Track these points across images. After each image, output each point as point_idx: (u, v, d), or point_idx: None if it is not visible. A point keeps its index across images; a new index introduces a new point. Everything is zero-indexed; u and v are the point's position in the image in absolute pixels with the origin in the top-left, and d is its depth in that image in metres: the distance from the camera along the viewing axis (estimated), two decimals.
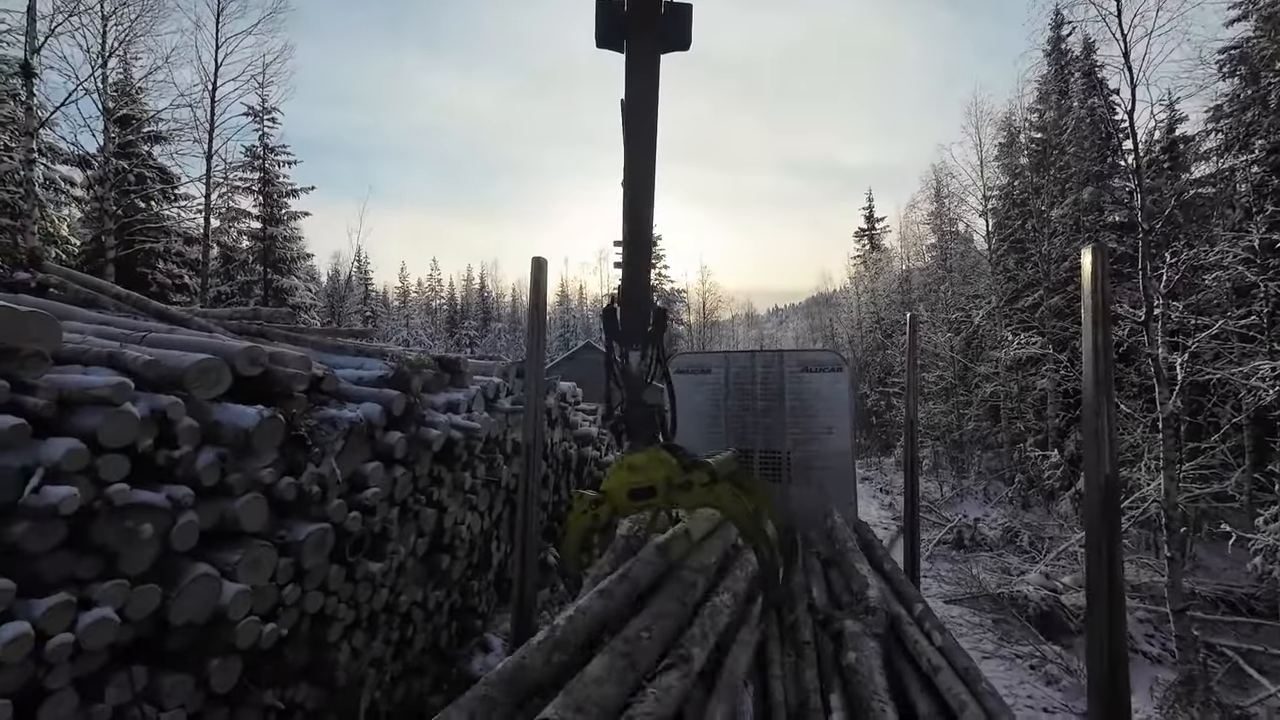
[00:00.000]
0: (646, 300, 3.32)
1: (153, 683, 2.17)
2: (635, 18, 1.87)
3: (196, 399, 2.44)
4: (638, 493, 2.92)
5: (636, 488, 2.92)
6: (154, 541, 2.13)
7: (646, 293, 3.27)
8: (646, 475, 2.92)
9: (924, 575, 9.49)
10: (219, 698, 2.40)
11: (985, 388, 18.01)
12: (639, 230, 2.72)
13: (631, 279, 3.09)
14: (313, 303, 20.00)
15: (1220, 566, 11.70)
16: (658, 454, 2.96)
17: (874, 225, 37.61)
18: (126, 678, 2.07)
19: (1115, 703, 1.77)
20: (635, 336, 3.47)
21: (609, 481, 3.04)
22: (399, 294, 54.74)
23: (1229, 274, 11.32)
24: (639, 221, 2.66)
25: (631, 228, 2.69)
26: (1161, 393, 7.23)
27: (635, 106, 2.10)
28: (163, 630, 2.22)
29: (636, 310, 3.31)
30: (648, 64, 1.98)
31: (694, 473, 2.78)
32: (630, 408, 3.42)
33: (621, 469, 3.00)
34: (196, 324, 3.94)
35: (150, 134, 14.96)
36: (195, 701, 2.30)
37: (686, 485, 2.80)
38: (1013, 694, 5.62)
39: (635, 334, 3.45)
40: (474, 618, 4.67)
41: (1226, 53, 14.19)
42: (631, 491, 2.93)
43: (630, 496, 2.93)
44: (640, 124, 2.19)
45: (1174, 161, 16.29)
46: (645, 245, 2.91)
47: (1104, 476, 1.79)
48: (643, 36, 1.92)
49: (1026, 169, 19.27)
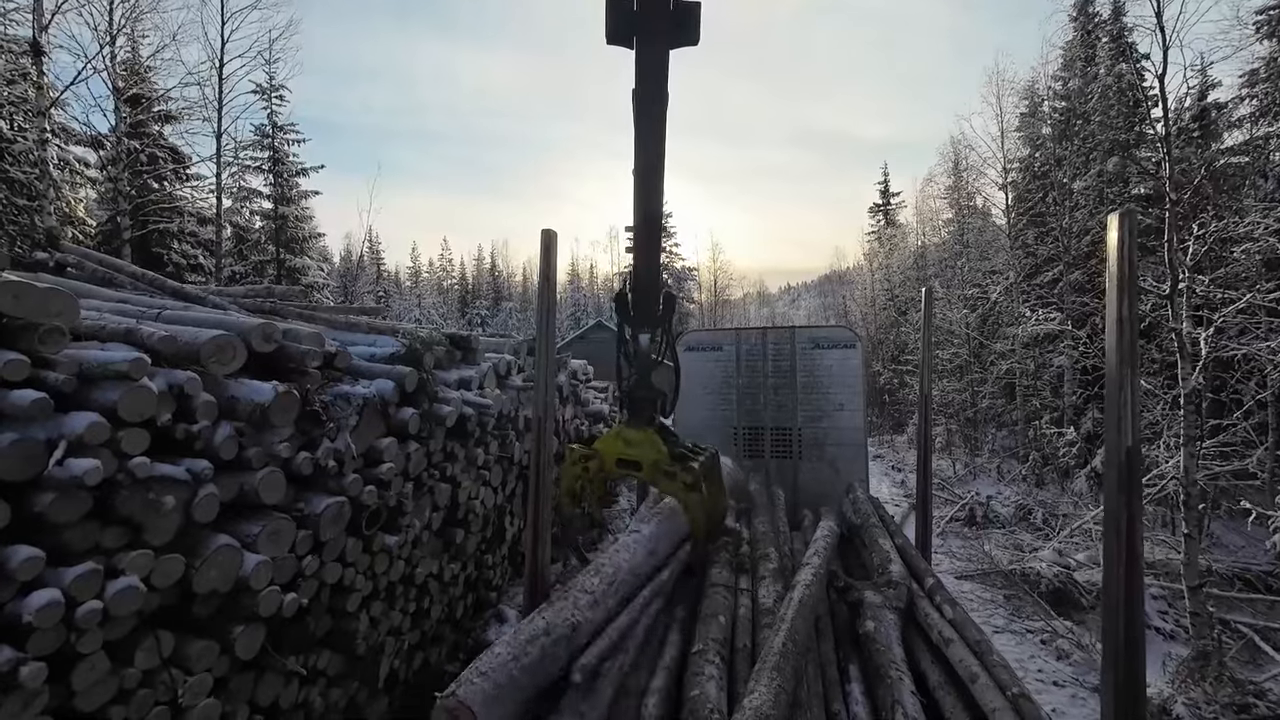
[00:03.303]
0: (656, 285, 3.44)
1: (180, 648, 2.24)
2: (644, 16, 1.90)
3: (213, 374, 2.47)
4: (625, 463, 3.21)
5: (625, 459, 3.21)
6: (176, 513, 2.18)
7: (656, 278, 3.39)
8: (638, 451, 3.19)
9: (936, 551, 9.51)
10: (244, 663, 2.48)
11: (1001, 365, 17.76)
12: (649, 218, 2.79)
13: (643, 265, 3.21)
14: (325, 282, 20.13)
15: (1238, 544, 11.59)
16: (651, 436, 3.20)
17: (889, 200, 36.88)
18: (154, 643, 2.14)
19: (1131, 678, 1.77)
20: (645, 320, 3.59)
21: (603, 443, 3.31)
22: (411, 274, 54.96)
23: (1259, 246, 10.97)
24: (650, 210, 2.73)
25: (643, 215, 2.76)
26: (1184, 368, 7.08)
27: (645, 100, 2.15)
28: (188, 599, 2.29)
29: (646, 295, 3.43)
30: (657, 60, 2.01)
31: (680, 469, 3.05)
32: (636, 386, 3.55)
33: (617, 438, 3.28)
34: (212, 302, 3.98)
35: (160, 113, 14.96)
36: (221, 666, 2.38)
37: (670, 475, 3.06)
38: (1023, 667, 5.64)
39: (645, 317, 3.57)
40: (489, 590, 4.77)
41: (1265, 13, 13.53)
42: (620, 460, 3.22)
43: (618, 464, 3.23)
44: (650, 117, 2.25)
45: (1204, 130, 15.69)
46: (655, 232, 2.99)
47: (1125, 450, 1.75)
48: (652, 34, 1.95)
49: (1049, 140, 18.69)
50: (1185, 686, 5.66)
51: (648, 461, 3.15)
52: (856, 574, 3.19)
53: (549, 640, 1.81)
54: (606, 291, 50.35)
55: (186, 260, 14.97)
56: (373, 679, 3.37)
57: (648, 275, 3.29)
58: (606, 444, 3.31)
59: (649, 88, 2.07)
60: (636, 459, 3.19)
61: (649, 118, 2.20)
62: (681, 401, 5.90)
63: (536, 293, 2.41)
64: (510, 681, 1.62)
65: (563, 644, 1.87)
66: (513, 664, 1.68)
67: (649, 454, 3.15)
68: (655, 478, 3.14)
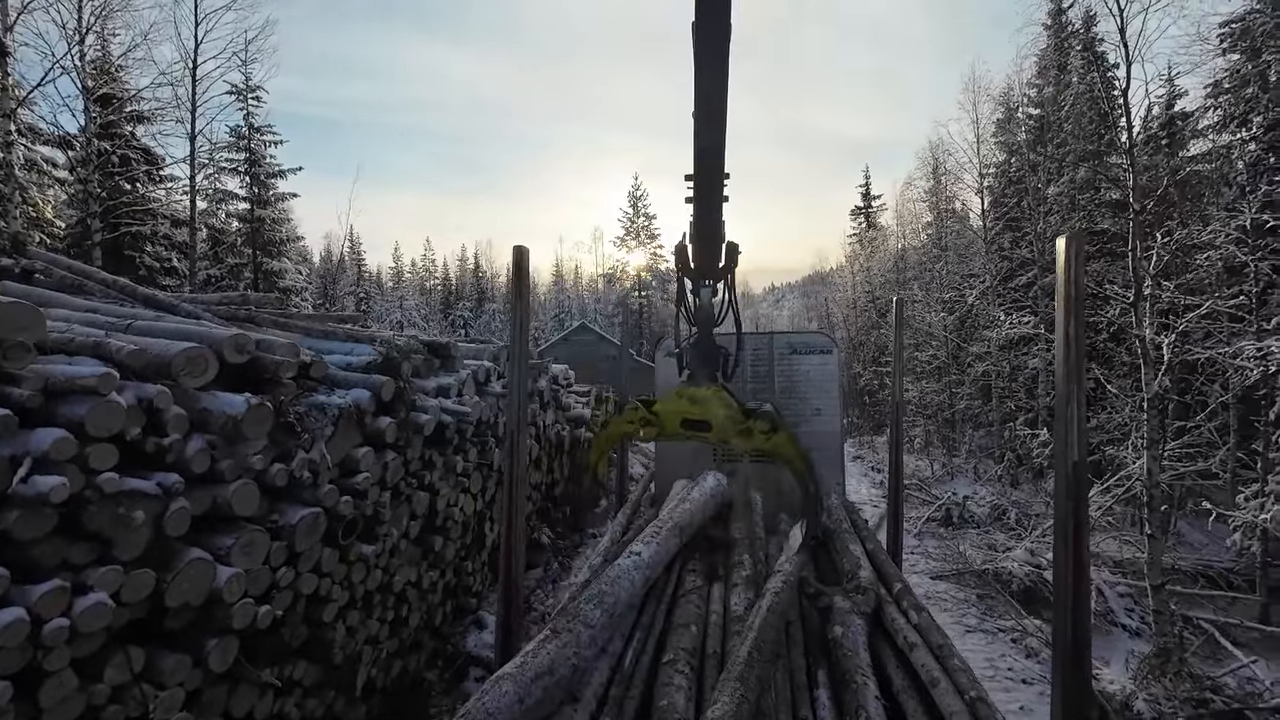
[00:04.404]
0: (719, 235, 3.17)
1: (151, 663, 2.23)
2: None
3: (184, 387, 2.46)
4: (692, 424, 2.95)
5: (692, 419, 2.94)
6: (146, 527, 2.17)
7: (719, 226, 3.10)
8: (705, 410, 2.93)
9: (912, 552, 9.68)
10: (217, 676, 2.47)
11: (978, 367, 18.13)
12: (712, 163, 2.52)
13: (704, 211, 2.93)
14: (304, 285, 19.87)
15: (1202, 542, 11.97)
16: (720, 393, 2.98)
17: (870, 203, 37.39)
18: (124, 659, 2.13)
19: (1077, 673, 1.85)
20: (707, 272, 3.37)
21: (664, 405, 3.03)
22: (393, 275, 54.37)
23: (1220, 253, 11.35)
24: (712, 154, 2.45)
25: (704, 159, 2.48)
26: (1147, 373, 7.32)
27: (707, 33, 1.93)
28: (160, 613, 2.28)
29: (710, 244, 3.18)
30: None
31: (755, 420, 2.82)
32: (699, 343, 3.33)
33: (681, 398, 3.00)
34: (185, 310, 3.94)
35: (132, 114, 14.65)
36: (194, 680, 2.37)
37: (747, 431, 2.83)
38: (994, 666, 5.79)
39: (707, 269, 3.34)
40: (469, 596, 4.77)
41: (1228, 26, 14.00)
42: (686, 421, 2.95)
43: (684, 425, 2.96)
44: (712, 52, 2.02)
45: (1171, 139, 16.19)
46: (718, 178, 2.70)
47: (1072, 463, 1.84)
48: None
49: (1023, 146, 19.13)
50: (1147, 682, 5.85)
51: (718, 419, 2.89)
52: (829, 579, 3.26)
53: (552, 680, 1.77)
54: (591, 293, 50.30)
55: (160, 263, 14.68)
56: (350, 688, 3.36)
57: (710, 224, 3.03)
58: (668, 405, 3.03)
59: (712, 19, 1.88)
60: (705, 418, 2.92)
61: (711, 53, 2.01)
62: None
63: (510, 311, 2.43)
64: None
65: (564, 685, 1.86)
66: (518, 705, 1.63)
67: (718, 411, 2.90)
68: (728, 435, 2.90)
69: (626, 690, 2.05)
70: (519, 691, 1.65)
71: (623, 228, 45.13)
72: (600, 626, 2.03)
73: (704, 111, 2.26)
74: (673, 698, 1.79)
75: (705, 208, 2.89)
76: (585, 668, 1.95)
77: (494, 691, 1.63)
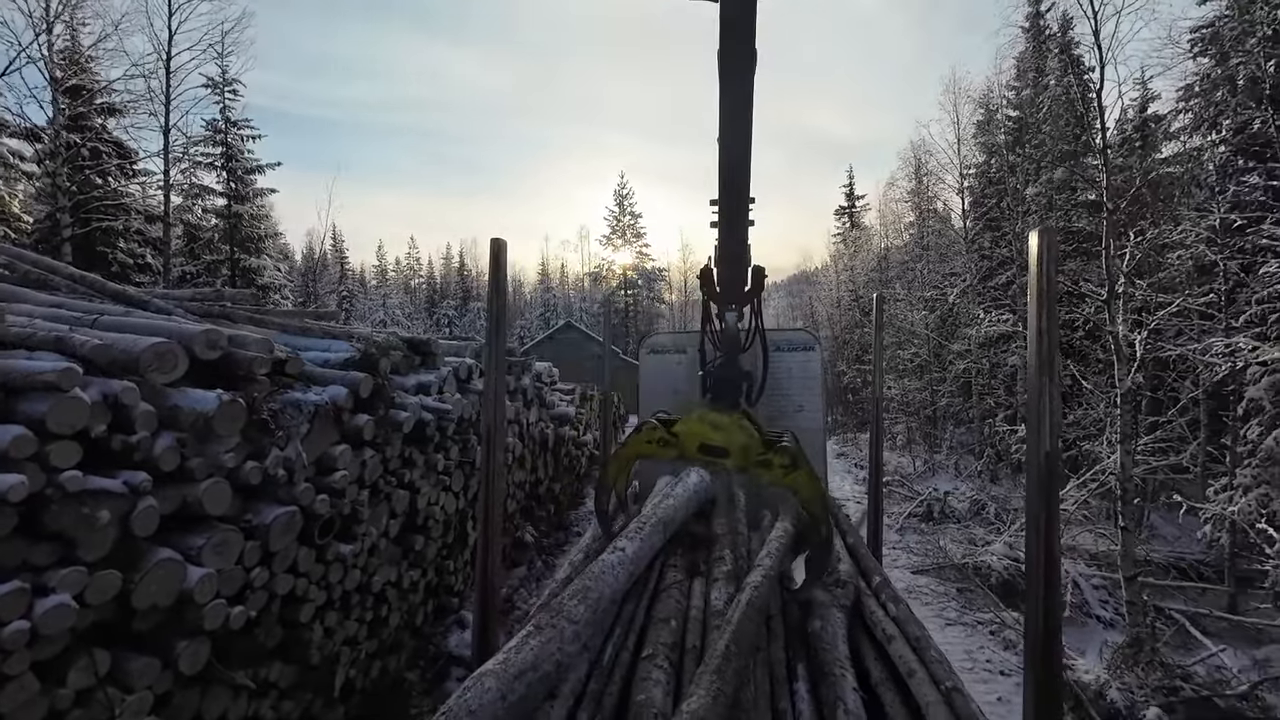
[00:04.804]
0: (745, 259, 3.16)
1: (118, 666, 2.18)
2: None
3: (152, 383, 2.40)
4: (711, 449, 2.89)
5: (711, 444, 2.89)
6: (112, 527, 2.11)
7: (744, 252, 3.10)
8: (725, 436, 2.88)
9: (894, 547, 9.81)
10: (188, 678, 2.42)
11: (958, 364, 18.41)
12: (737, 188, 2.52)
13: (729, 235, 2.92)
14: (284, 282, 19.55)
15: (1174, 534, 12.30)
16: (740, 421, 2.93)
17: (854, 203, 37.77)
18: (89, 662, 2.08)
19: (1049, 668, 1.88)
20: (733, 296, 3.35)
21: (685, 425, 2.97)
22: (377, 273, 53.79)
23: (1191, 253, 11.65)
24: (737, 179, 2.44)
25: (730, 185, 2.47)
26: (1120, 370, 7.48)
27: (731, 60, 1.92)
28: (127, 614, 2.22)
29: (735, 267, 3.17)
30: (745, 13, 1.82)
31: (775, 454, 2.77)
32: (723, 367, 3.31)
33: (702, 422, 2.95)
34: (156, 306, 3.85)
35: (103, 106, 14.27)
36: (163, 683, 2.32)
37: (766, 463, 2.78)
38: (972, 658, 5.89)
39: (733, 293, 3.33)
40: (451, 596, 4.73)
41: (1198, 31, 14.36)
42: (705, 446, 2.90)
43: (701, 450, 2.91)
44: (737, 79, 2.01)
45: (1144, 141, 16.57)
46: (743, 203, 2.69)
47: (1044, 454, 1.86)
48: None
49: (1003, 147, 19.45)
50: (1120, 672, 5.99)
51: (737, 447, 2.83)
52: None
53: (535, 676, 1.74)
54: (577, 292, 50.20)
55: (133, 260, 14.34)
56: (328, 689, 3.31)
57: (736, 248, 3.02)
58: (689, 427, 2.97)
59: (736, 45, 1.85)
60: (724, 445, 2.87)
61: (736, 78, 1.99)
62: (645, 402, 5.96)
63: (488, 305, 2.40)
64: None
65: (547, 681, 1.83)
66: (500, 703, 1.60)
67: (739, 439, 2.84)
68: (747, 465, 2.84)
69: (605, 685, 2.04)
70: (501, 688, 1.61)
71: (609, 226, 45.15)
72: (584, 622, 2.00)
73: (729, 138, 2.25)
74: (650, 692, 1.78)
75: (730, 232, 2.89)
76: (568, 663, 1.92)
77: (476, 688, 1.60)
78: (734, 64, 1.93)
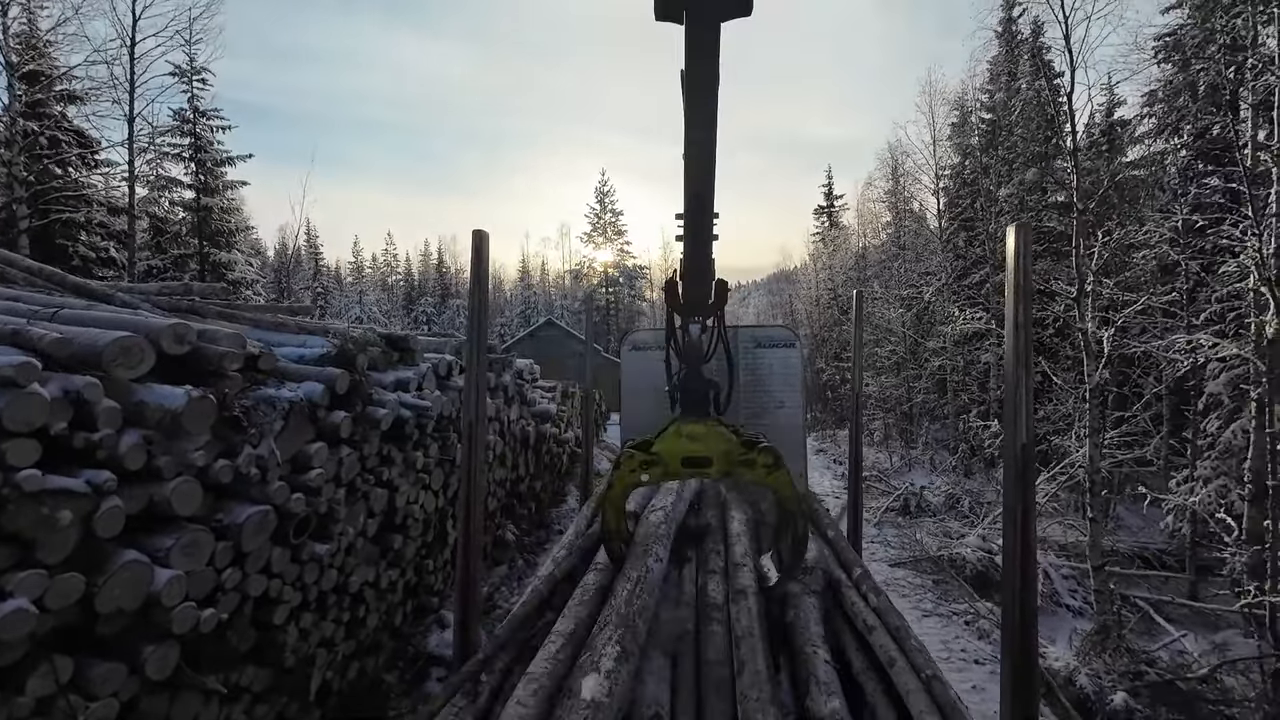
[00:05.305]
0: (708, 272, 3.20)
1: (80, 672, 2.09)
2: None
3: (116, 379, 2.31)
4: (693, 461, 2.91)
5: (692, 456, 2.91)
6: (74, 528, 2.03)
7: (708, 265, 3.14)
8: (705, 446, 2.90)
9: (872, 541, 9.96)
10: (156, 684, 2.34)
11: (934, 361, 18.77)
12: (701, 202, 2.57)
13: (694, 249, 2.96)
14: (256, 278, 19.06)
15: (1138, 525, 12.72)
16: (716, 428, 2.98)
17: (833, 203, 38.19)
18: (50, 668, 1.99)
19: (1025, 655, 1.92)
20: (696, 308, 3.41)
21: (663, 444, 2.97)
22: (353, 269, 52.80)
23: (1155, 253, 12.03)
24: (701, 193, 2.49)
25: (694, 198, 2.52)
26: (1089, 365, 7.70)
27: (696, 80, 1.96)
28: (90, 619, 2.14)
29: (699, 281, 3.21)
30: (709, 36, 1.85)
31: (758, 454, 2.82)
32: (689, 378, 3.35)
33: (679, 436, 2.97)
34: (120, 300, 3.71)
35: (63, 93, 13.73)
36: (130, 689, 2.24)
37: (750, 462, 2.82)
38: (948, 648, 6.01)
39: (697, 306, 3.37)
40: (430, 595, 4.66)
41: (1162, 39, 14.83)
42: (686, 459, 2.91)
43: (684, 463, 2.92)
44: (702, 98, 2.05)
45: (1111, 144, 17.06)
46: (707, 217, 2.73)
47: (1020, 446, 1.90)
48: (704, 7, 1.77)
49: (976, 149, 19.85)
50: (1088, 658, 6.18)
51: (718, 454, 2.87)
52: None
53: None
54: (558, 289, 49.96)
55: (96, 253, 13.83)
56: (303, 692, 3.24)
57: (699, 261, 3.06)
58: (667, 445, 2.97)
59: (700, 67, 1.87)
60: (705, 454, 2.90)
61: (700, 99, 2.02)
62: (627, 399, 5.95)
63: (468, 298, 2.36)
64: None
65: None
66: None
67: (719, 446, 2.88)
68: (731, 469, 2.88)
69: None
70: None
71: (590, 224, 44.97)
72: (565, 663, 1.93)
73: (693, 155, 2.28)
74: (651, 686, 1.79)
75: (695, 245, 2.93)
76: None
77: None
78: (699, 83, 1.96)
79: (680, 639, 2.21)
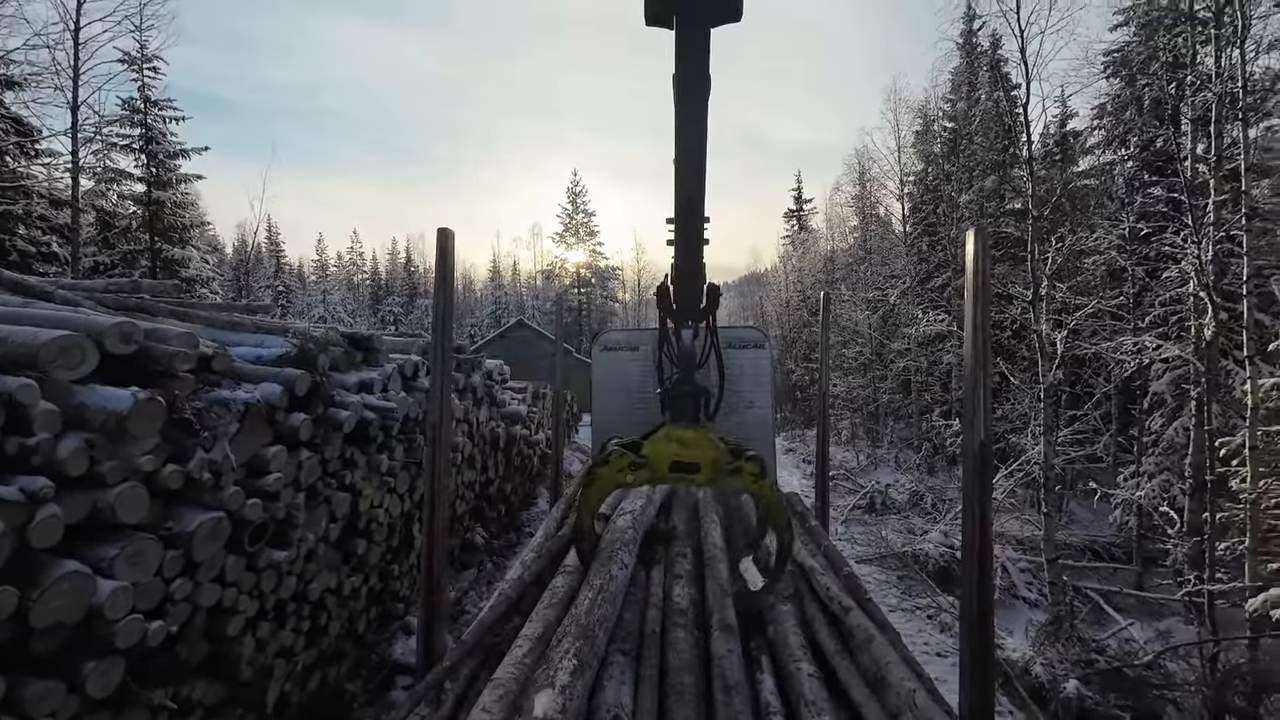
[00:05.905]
0: (699, 277, 3.20)
1: (14, 691, 1.97)
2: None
3: (55, 380, 2.18)
4: (681, 466, 2.92)
5: (681, 461, 2.92)
6: (7, 539, 1.91)
7: (700, 267, 3.14)
8: (694, 452, 2.92)
9: (839, 539, 10.15)
10: (98, 702, 2.22)
11: (899, 363, 19.25)
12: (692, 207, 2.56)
13: (685, 253, 2.94)
14: (213, 275, 18.33)
15: (1089, 519, 13.28)
16: (705, 435, 2.98)
17: (802, 206, 38.82)
18: None
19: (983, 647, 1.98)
20: (688, 313, 3.41)
21: (651, 447, 2.97)
22: (317, 268, 51.27)
23: (1104, 258, 12.59)
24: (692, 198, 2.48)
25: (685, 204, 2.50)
26: (1043, 366, 8.01)
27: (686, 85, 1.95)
28: (25, 634, 2.02)
29: (690, 286, 3.20)
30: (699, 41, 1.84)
31: (746, 462, 2.85)
32: (679, 383, 3.31)
33: (668, 440, 2.97)
34: (61, 297, 3.51)
35: (1, 77, 12.97)
36: (69, 708, 2.11)
37: (738, 470, 2.85)
38: (911, 641, 6.15)
39: (688, 310, 3.37)
40: (395, 601, 4.55)
41: (1110, 55, 15.55)
42: (674, 464, 2.93)
43: (672, 468, 2.93)
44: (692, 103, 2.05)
45: (1064, 154, 17.80)
46: (698, 222, 2.73)
47: (979, 444, 1.95)
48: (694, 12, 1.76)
49: (939, 156, 20.46)
50: (1043, 648, 6.42)
51: (706, 461, 2.90)
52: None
53: None
54: (529, 289, 49.49)
55: (37, 248, 13.07)
56: (260, 705, 3.12)
57: (692, 266, 3.06)
58: (656, 448, 2.98)
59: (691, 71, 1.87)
60: (694, 460, 2.93)
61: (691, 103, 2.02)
62: (599, 400, 5.93)
63: (433, 298, 2.31)
64: None
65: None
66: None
67: (707, 453, 2.91)
68: (718, 477, 2.91)
69: None
70: None
71: (562, 224, 44.68)
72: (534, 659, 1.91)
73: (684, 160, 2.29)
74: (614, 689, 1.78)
75: (686, 250, 2.92)
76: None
77: None
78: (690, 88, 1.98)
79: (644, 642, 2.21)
